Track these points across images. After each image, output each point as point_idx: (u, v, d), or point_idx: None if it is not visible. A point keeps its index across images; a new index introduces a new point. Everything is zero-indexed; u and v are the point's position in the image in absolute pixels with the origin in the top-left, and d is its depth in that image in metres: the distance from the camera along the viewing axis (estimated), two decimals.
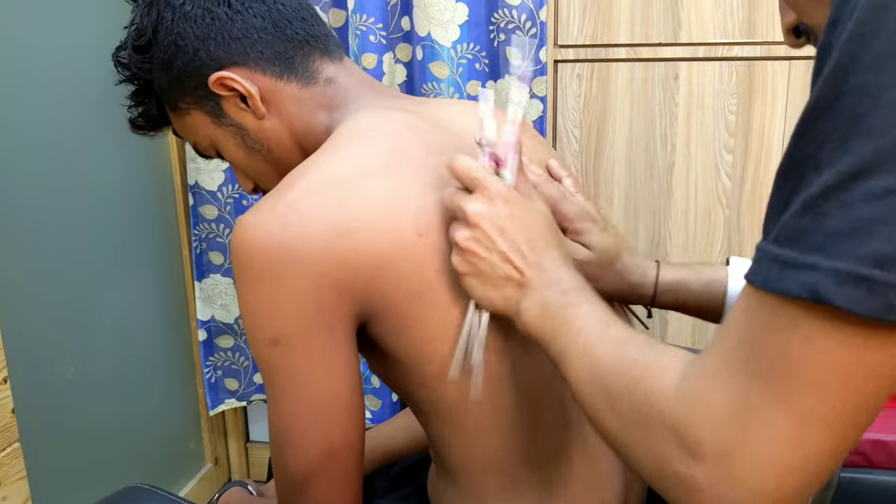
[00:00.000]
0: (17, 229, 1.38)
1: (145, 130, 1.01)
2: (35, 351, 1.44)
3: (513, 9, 1.64)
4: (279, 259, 0.73)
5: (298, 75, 0.91)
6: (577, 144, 1.77)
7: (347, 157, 0.80)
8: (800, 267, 0.45)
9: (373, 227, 0.75)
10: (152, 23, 0.90)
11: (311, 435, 0.77)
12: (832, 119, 0.45)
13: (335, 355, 0.76)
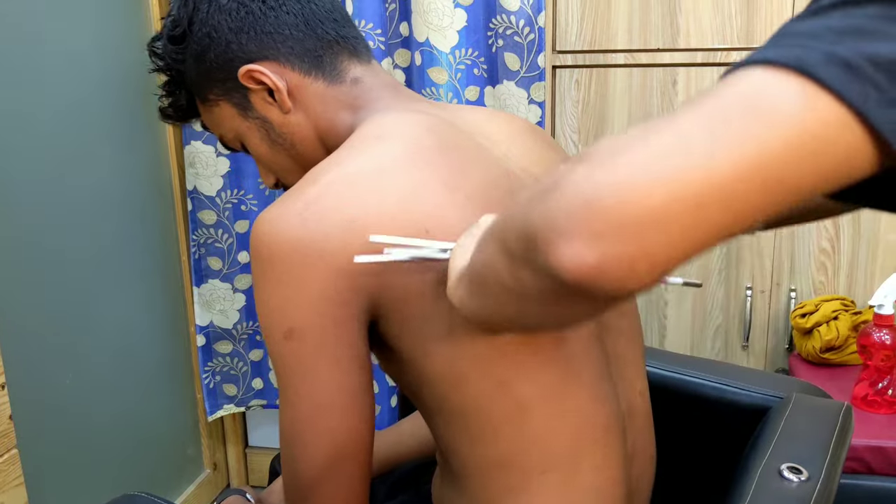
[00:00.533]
0: (15, 234, 1.39)
1: (174, 120, 1.03)
2: (33, 357, 1.44)
3: (511, 14, 1.65)
4: (297, 253, 0.75)
5: (326, 73, 0.92)
6: (576, 149, 1.77)
7: (366, 156, 0.81)
8: (790, 46, 0.46)
9: (389, 220, 0.76)
10: (188, 14, 0.92)
11: (321, 431, 0.78)
12: None
13: (347, 351, 0.78)
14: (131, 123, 1.68)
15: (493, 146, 0.89)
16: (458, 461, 0.87)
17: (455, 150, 0.84)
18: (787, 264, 1.73)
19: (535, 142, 0.95)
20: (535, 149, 0.93)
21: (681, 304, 1.80)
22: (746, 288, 1.75)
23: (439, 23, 1.67)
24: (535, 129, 0.99)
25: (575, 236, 0.46)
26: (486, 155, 0.86)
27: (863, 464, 1.47)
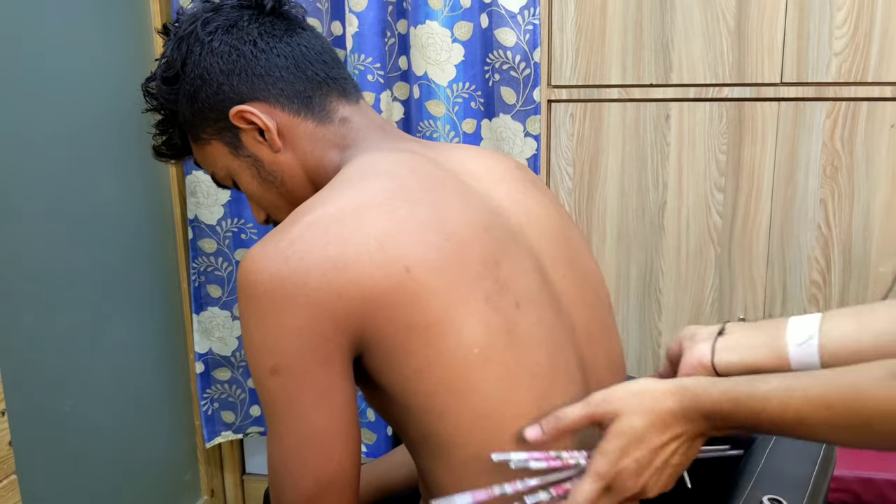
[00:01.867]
0: (16, 261, 1.41)
1: (167, 158, 1.06)
2: (33, 384, 1.45)
3: (507, 50, 1.68)
4: (281, 291, 0.77)
5: (315, 113, 0.95)
6: (571, 182, 1.80)
7: (351, 195, 0.84)
8: None
9: (367, 262, 0.78)
10: (182, 56, 0.95)
11: (307, 464, 0.80)
12: None
13: (332, 385, 0.79)
14: (133, 152, 1.71)
15: (478, 184, 0.91)
16: (440, 494, 0.88)
17: (437, 189, 0.86)
18: (779, 296, 1.75)
19: (520, 181, 0.97)
20: (519, 188, 0.95)
21: (674, 335, 1.82)
22: (739, 319, 1.77)
23: (437, 57, 1.70)
24: (521, 169, 1.01)
25: None
26: (468, 193, 0.88)
27: (853, 495, 1.48)
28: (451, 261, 0.80)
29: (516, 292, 0.84)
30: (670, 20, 1.68)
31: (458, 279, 0.80)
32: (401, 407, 0.84)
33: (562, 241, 0.94)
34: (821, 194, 1.69)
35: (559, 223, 0.96)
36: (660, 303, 1.81)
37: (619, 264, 1.82)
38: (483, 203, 0.89)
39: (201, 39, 0.94)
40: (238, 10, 0.97)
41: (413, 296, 0.79)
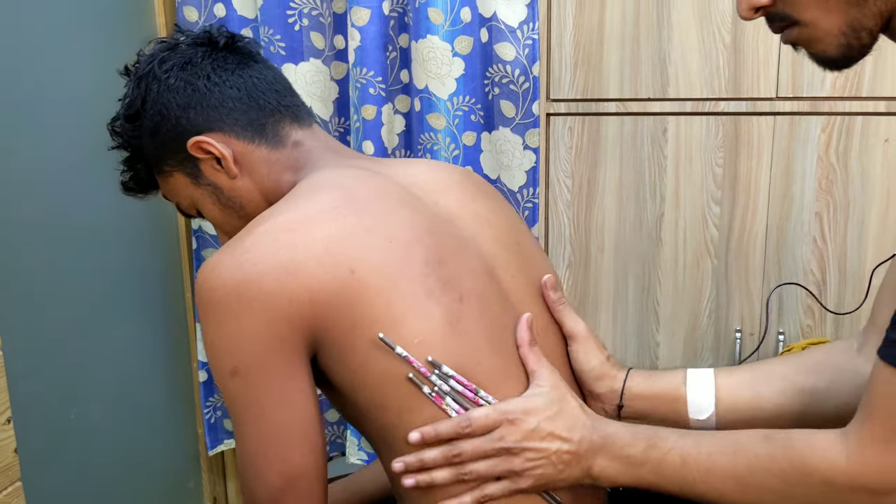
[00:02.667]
0: (19, 270, 1.43)
1: (135, 193, 1.12)
2: (38, 391, 1.48)
3: (507, 64, 1.70)
4: (236, 296, 0.82)
5: (268, 139, 1.01)
6: (569, 194, 1.82)
7: (301, 207, 0.90)
8: None
9: (315, 266, 0.83)
10: (141, 94, 1.02)
11: (272, 460, 0.84)
12: None
13: (291, 384, 0.84)
14: None
15: (425, 195, 0.97)
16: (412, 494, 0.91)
17: (383, 198, 0.92)
18: (775, 308, 1.77)
19: (469, 190, 1.03)
20: (469, 197, 1.01)
21: (672, 346, 1.84)
22: (736, 330, 1.79)
23: (438, 71, 1.73)
24: (471, 179, 1.06)
25: None
26: (415, 202, 0.94)
27: None
28: (393, 261, 0.86)
29: (460, 289, 0.89)
30: (667, 35, 1.70)
31: (399, 277, 0.85)
32: (353, 404, 0.89)
33: (512, 245, 1.00)
34: (816, 207, 1.71)
35: (509, 228, 1.02)
36: (657, 314, 1.83)
37: (617, 276, 1.84)
38: (429, 211, 0.95)
39: (158, 77, 1.00)
40: (193, 47, 1.03)
41: (357, 295, 0.84)
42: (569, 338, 1.01)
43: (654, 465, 0.85)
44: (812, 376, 0.99)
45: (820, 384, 0.97)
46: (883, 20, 0.73)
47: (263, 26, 1.78)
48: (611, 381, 1.02)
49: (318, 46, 1.79)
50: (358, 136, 1.78)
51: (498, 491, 0.86)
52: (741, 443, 0.82)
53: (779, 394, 0.98)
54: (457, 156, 1.78)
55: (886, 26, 0.74)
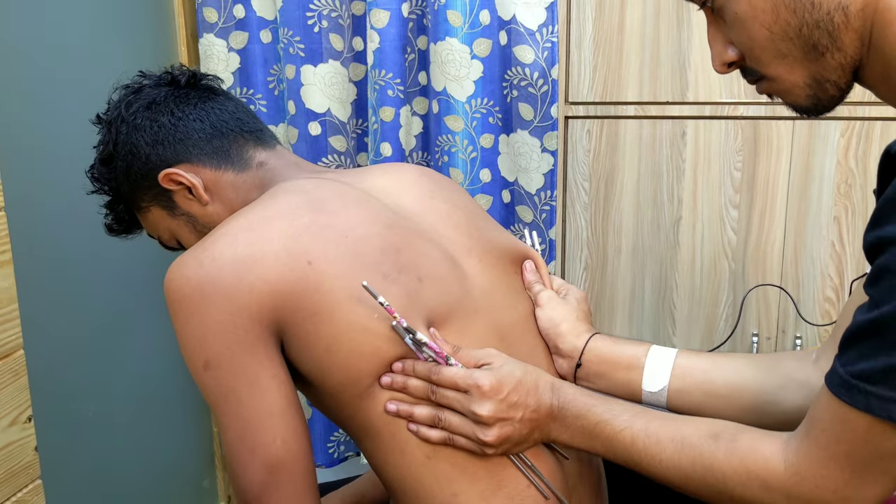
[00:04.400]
0: (42, 271, 1.44)
1: (118, 234, 1.16)
2: (59, 390, 1.49)
3: (525, 67, 1.70)
4: (199, 292, 0.86)
5: (234, 164, 1.06)
6: (587, 197, 1.82)
7: (259, 210, 0.93)
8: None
9: (273, 260, 0.87)
10: (112, 138, 1.07)
11: (254, 448, 0.86)
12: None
13: (262, 371, 0.86)
14: None
15: (384, 196, 1.01)
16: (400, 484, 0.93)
17: (340, 199, 0.96)
18: (792, 312, 1.76)
19: (425, 187, 1.07)
20: (426, 193, 1.05)
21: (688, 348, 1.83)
22: (753, 334, 1.79)
23: (457, 73, 1.73)
24: (427, 175, 1.10)
25: None
26: (372, 202, 0.98)
27: None
28: (349, 252, 0.89)
29: (418, 272, 0.93)
30: (687, 38, 1.70)
31: (356, 265, 0.89)
32: (326, 392, 0.92)
33: (473, 231, 1.04)
34: (835, 212, 1.70)
35: (468, 216, 1.06)
36: (674, 317, 1.83)
37: (634, 278, 1.83)
38: (387, 209, 0.98)
39: (126, 120, 1.06)
40: (156, 88, 1.08)
41: (316, 284, 0.87)
42: (538, 299, 1.07)
43: (605, 440, 0.89)
44: (763, 374, 1.01)
45: (769, 385, 1.00)
46: (847, 72, 0.76)
47: (283, 27, 1.78)
48: (574, 338, 1.06)
49: (337, 48, 1.80)
50: (376, 137, 1.78)
51: (464, 445, 0.90)
52: (688, 436, 0.85)
53: (729, 386, 1.02)
54: (474, 158, 1.78)
55: (856, 76, 0.78)
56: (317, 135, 1.82)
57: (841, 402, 0.72)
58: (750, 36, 0.77)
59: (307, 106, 1.80)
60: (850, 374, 0.70)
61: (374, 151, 1.80)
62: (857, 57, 0.75)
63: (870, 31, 0.74)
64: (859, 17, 0.73)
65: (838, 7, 0.73)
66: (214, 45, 1.85)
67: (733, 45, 0.80)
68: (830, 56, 0.75)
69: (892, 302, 0.66)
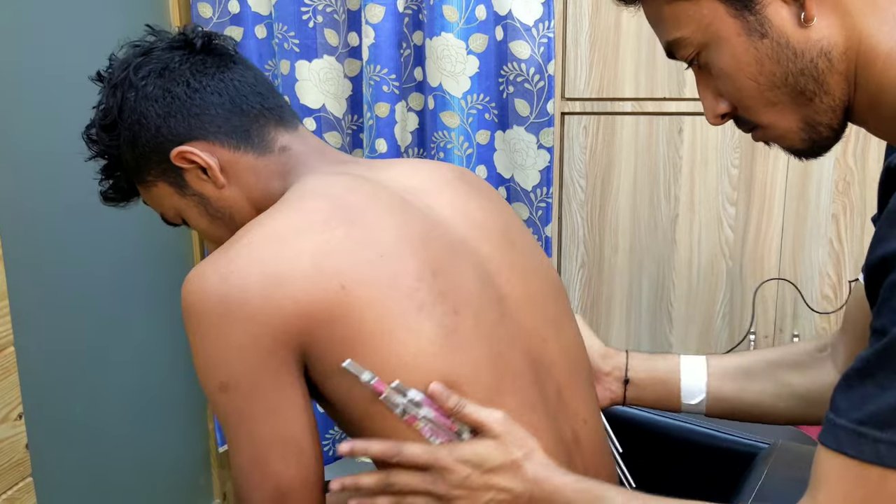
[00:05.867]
0: (33, 265, 1.43)
1: (115, 202, 1.07)
2: (50, 387, 1.48)
3: (522, 62, 1.69)
4: (221, 309, 0.80)
5: (254, 146, 0.97)
6: (583, 194, 1.81)
7: (288, 216, 0.87)
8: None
9: (302, 279, 0.80)
10: (117, 103, 0.96)
11: (267, 474, 0.82)
12: None
13: (282, 397, 0.82)
14: None
15: (416, 199, 0.94)
16: None
17: (373, 207, 0.89)
18: (790, 310, 1.75)
19: (460, 189, 0.99)
20: (461, 196, 0.98)
21: (685, 347, 1.83)
22: (750, 332, 1.78)
23: (452, 69, 1.72)
24: (462, 177, 1.03)
25: None
26: (406, 209, 0.91)
27: None
28: (384, 277, 0.83)
29: (455, 300, 0.86)
30: None
31: (391, 293, 0.83)
32: (350, 417, 0.87)
33: (505, 245, 0.97)
34: (833, 209, 1.69)
35: (502, 227, 0.99)
36: (671, 316, 1.82)
37: (631, 277, 1.83)
38: (422, 216, 0.92)
39: (135, 85, 0.95)
40: (169, 51, 0.97)
41: (347, 311, 0.81)
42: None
43: None
44: (792, 374, 1.03)
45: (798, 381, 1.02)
46: (838, 113, 0.77)
47: (277, 23, 1.77)
48: (615, 360, 1.07)
49: (332, 43, 1.79)
50: (371, 133, 1.77)
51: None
52: None
53: (761, 393, 1.04)
54: (470, 154, 1.77)
55: (848, 117, 0.78)
56: (312, 131, 1.80)
57: (845, 457, 0.65)
58: (738, 88, 0.78)
59: (302, 102, 1.79)
60: (854, 421, 0.64)
61: (369, 148, 1.79)
62: (845, 98, 0.76)
63: (854, 72, 0.75)
64: (843, 59, 0.74)
65: (821, 53, 0.74)
66: None
67: (723, 98, 0.80)
68: (819, 100, 0.76)
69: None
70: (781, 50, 0.74)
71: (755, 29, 0.74)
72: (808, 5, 0.73)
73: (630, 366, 1.07)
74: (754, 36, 0.74)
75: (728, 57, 0.76)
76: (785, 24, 0.74)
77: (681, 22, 0.78)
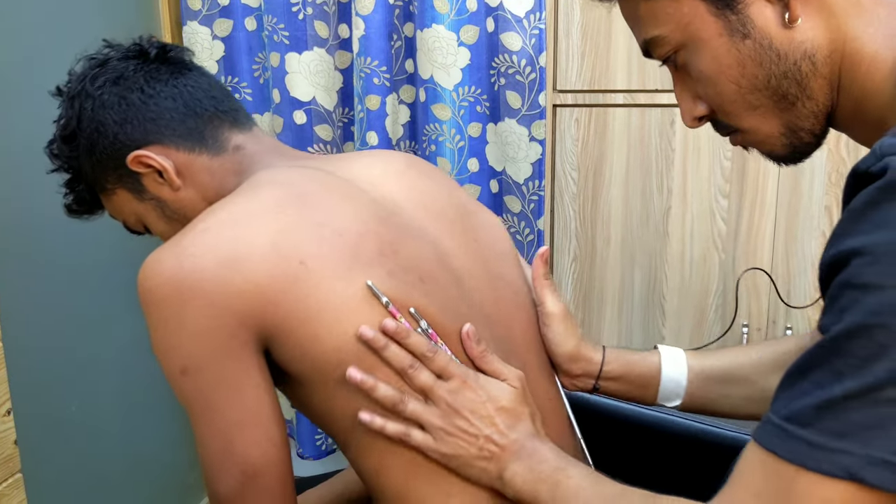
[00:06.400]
0: (24, 261, 1.42)
1: (79, 215, 1.10)
2: (40, 383, 1.46)
3: (513, 54, 1.68)
4: (178, 293, 0.80)
5: (209, 146, 0.99)
6: (575, 187, 1.81)
7: (242, 203, 0.87)
8: (832, 451, 0.58)
9: (260, 260, 0.81)
10: (76, 114, 0.99)
11: (232, 458, 0.82)
12: (857, 345, 0.57)
13: (244, 379, 0.82)
14: None
15: (371, 188, 0.95)
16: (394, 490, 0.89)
17: (328, 193, 0.90)
18: (782, 303, 1.75)
19: (412, 177, 1.01)
20: (413, 184, 0.99)
21: (678, 340, 1.82)
22: (743, 325, 1.78)
23: (443, 61, 1.71)
24: (414, 165, 1.04)
25: None
26: (360, 196, 0.92)
27: None
28: (346, 252, 0.84)
29: (419, 272, 0.88)
30: None
31: (355, 266, 0.83)
32: (321, 394, 0.86)
33: (458, 229, 0.99)
34: (826, 201, 1.69)
35: (454, 211, 1.00)
36: (663, 308, 1.82)
37: (624, 270, 1.82)
38: (376, 203, 0.93)
39: (91, 95, 0.98)
40: (124, 61, 1.00)
41: (312, 285, 0.81)
42: (547, 317, 1.00)
43: (552, 484, 0.83)
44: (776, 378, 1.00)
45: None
46: (820, 119, 0.76)
47: (267, 15, 1.76)
48: (586, 363, 1.02)
49: (322, 35, 1.77)
50: (362, 126, 1.76)
51: (417, 439, 0.85)
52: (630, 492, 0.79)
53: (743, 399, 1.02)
54: (462, 147, 1.76)
55: (830, 121, 0.77)
56: (302, 124, 1.79)
57: (765, 452, 0.63)
58: (718, 91, 0.76)
59: (292, 94, 1.78)
60: (782, 417, 0.62)
61: (360, 140, 1.78)
62: (828, 103, 0.75)
63: (838, 77, 0.73)
64: (827, 63, 0.72)
65: (804, 56, 0.72)
66: (198, 32, 1.82)
67: (702, 100, 0.79)
68: (801, 105, 0.74)
69: (846, 320, 0.58)
70: (764, 52, 0.73)
71: (737, 29, 0.73)
72: (792, 5, 0.71)
73: (603, 372, 1.03)
74: (736, 37, 0.73)
75: (709, 58, 0.75)
76: (768, 24, 0.72)
77: (659, 20, 0.76)
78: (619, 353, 1.05)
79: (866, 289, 0.57)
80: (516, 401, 0.86)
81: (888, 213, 0.56)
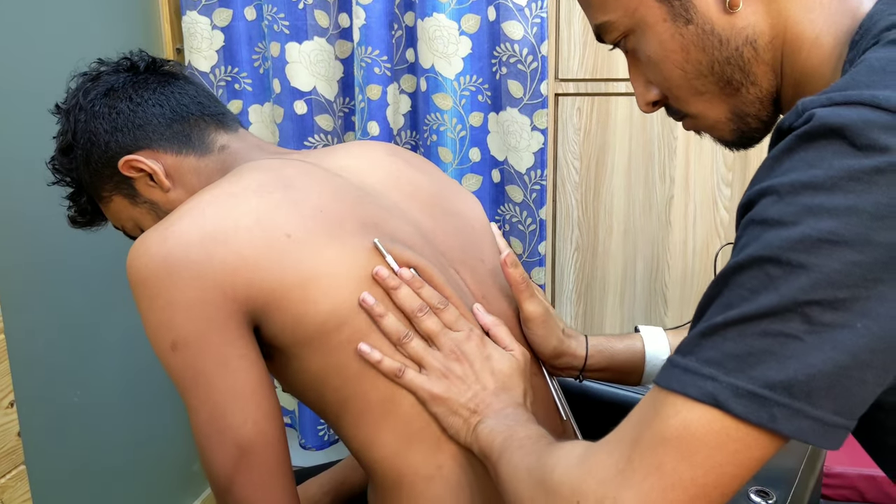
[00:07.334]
0: (25, 254, 1.42)
1: (82, 226, 1.14)
2: (42, 375, 1.46)
3: (514, 43, 1.68)
4: (165, 269, 0.82)
5: (195, 148, 1.03)
6: (577, 176, 1.80)
7: (225, 186, 0.90)
8: (700, 375, 0.57)
9: (245, 234, 0.83)
10: (71, 127, 1.04)
11: (224, 430, 0.83)
12: (748, 276, 0.57)
13: (233, 351, 0.83)
14: None
15: (351, 176, 0.98)
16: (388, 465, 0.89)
17: (310, 178, 0.93)
18: None
19: (391, 166, 1.04)
20: (392, 172, 1.03)
21: (681, 329, 1.82)
22: None
23: (445, 50, 1.70)
24: (394, 154, 1.07)
25: None
26: (340, 182, 0.95)
27: (856, 492, 1.48)
28: (331, 225, 0.86)
29: (406, 244, 0.91)
30: None
31: (342, 235, 0.86)
32: (318, 361, 0.87)
33: (438, 212, 1.02)
34: None
35: (434, 196, 1.04)
36: (665, 297, 1.81)
37: (626, 259, 1.82)
38: (356, 187, 0.96)
39: (84, 107, 1.03)
40: (115, 74, 1.06)
41: (298, 256, 0.84)
42: (527, 321, 1.00)
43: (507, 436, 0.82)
44: None
45: None
46: (766, 105, 0.76)
47: (267, 4, 1.75)
48: (570, 359, 1.04)
49: (323, 25, 1.77)
50: (363, 116, 1.76)
51: (409, 375, 0.87)
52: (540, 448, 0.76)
53: None
54: (463, 137, 1.75)
55: (779, 108, 0.77)
56: (303, 114, 1.79)
57: (654, 385, 0.62)
58: (665, 76, 0.77)
59: (293, 84, 1.77)
60: (675, 352, 0.61)
61: (361, 130, 1.77)
62: (772, 89, 0.75)
63: (780, 62, 0.74)
64: (769, 49, 0.73)
65: (746, 42, 0.73)
66: (198, 22, 1.82)
67: (653, 85, 0.80)
68: (746, 90, 0.75)
69: (742, 253, 0.58)
70: (706, 37, 0.73)
71: (680, 14, 0.73)
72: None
73: (587, 365, 1.05)
74: (679, 22, 0.73)
75: (654, 43, 0.75)
76: (710, 10, 0.72)
77: (608, 6, 0.77)
78: (602, 344, 1.06)
79: (766, 224, 0.57)
80: (515, 371, 0.90)
81: (801, 157, 0.57)
